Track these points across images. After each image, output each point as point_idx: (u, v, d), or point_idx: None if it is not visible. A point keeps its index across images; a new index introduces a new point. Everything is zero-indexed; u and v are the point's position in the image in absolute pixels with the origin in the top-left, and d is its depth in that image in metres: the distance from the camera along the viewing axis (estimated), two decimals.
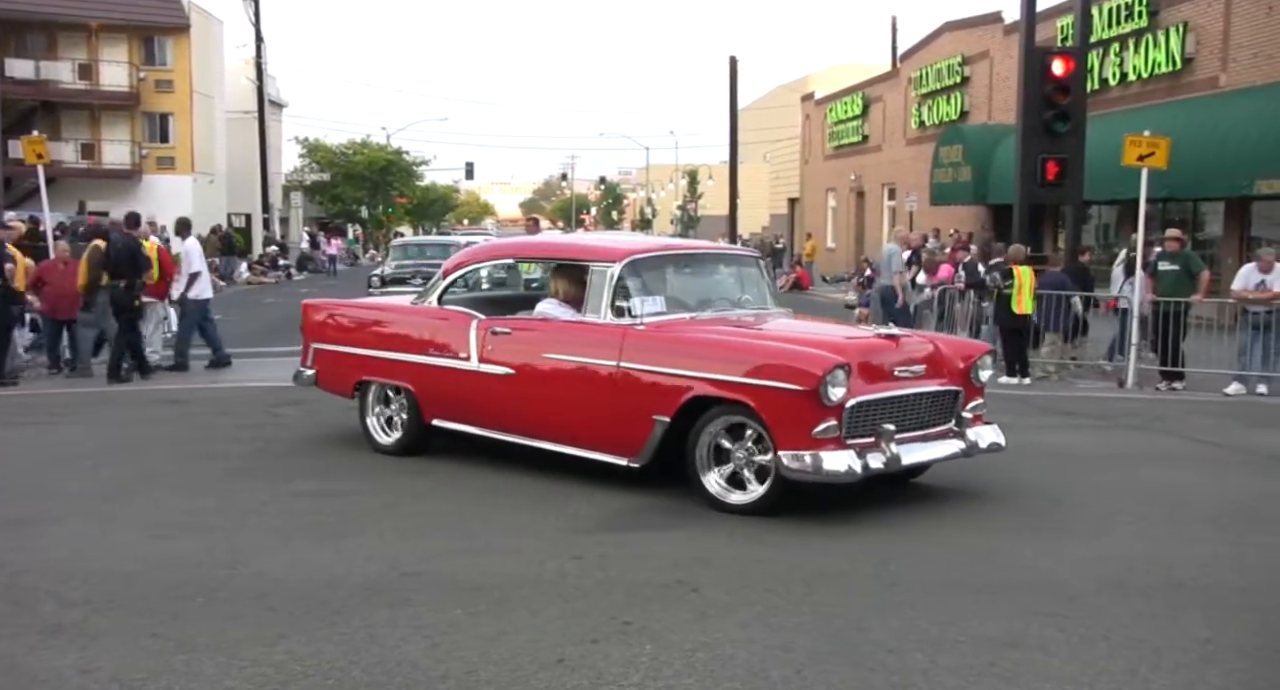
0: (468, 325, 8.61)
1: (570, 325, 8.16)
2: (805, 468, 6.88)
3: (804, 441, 6.90)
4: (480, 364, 8.44)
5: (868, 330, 8.41)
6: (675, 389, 7.39)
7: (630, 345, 7.67)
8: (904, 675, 4.69)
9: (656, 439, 7.49)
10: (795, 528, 6.97)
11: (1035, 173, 15.84)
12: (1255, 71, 20.77)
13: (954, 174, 29.76)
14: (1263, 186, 18.47)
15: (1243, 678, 4.70)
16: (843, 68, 55.16)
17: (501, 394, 8.34)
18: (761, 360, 7.18)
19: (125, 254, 13.86)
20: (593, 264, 8.17)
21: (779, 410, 6.97)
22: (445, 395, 8.74)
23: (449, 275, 9.24)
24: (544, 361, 8.15)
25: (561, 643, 5.03)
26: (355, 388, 9.45)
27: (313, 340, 9.86)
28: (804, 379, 6.88)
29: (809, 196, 50.56)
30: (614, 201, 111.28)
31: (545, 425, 8.17)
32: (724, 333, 7.80)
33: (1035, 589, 5.87)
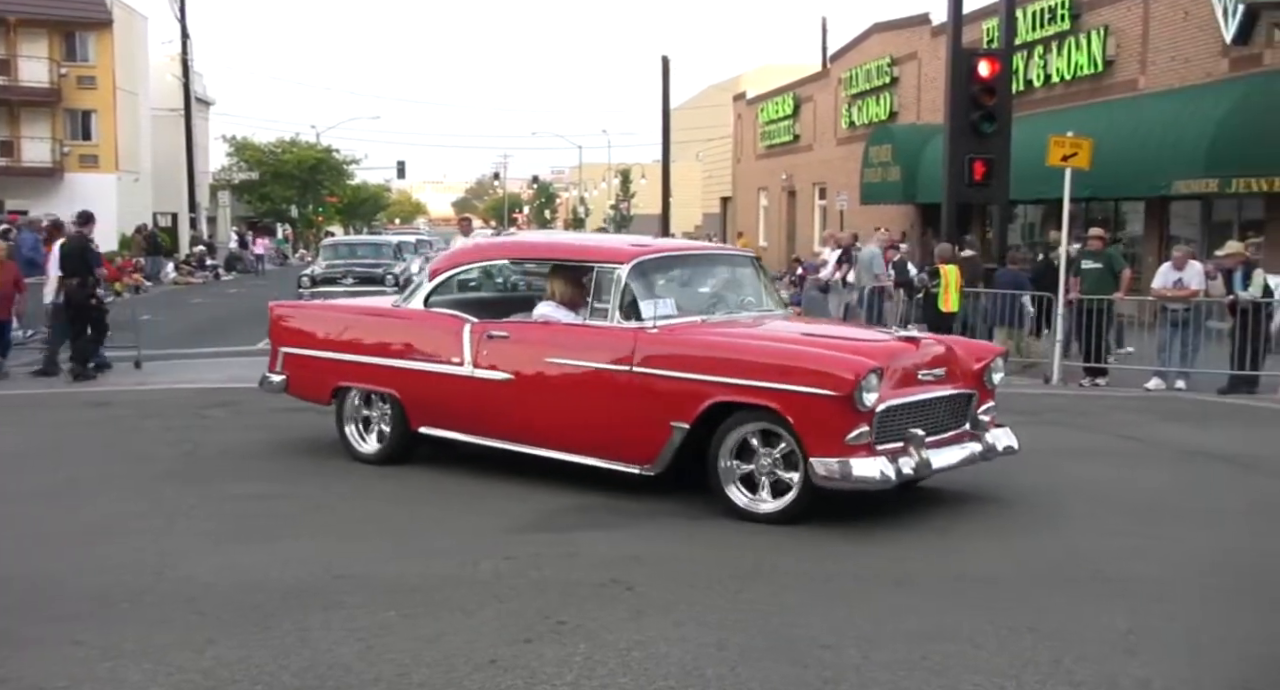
0: (460, 329, 8.24)
1: (575, 329, 7.90)
2: (837, 475, 6.69)
3: (836, 448, 6.70)
4: (475, 369, 8.08)
5: (885, 333, 8.28)
6: (695, 394, 7.13)
7: (643, 349, 7.41)
8: (837, 670, 4.75)
9: (674, 446, 7.24)
10: (728, 526, 7.02)
11: (963, 172, 16.07)
12: (1173, 74, 21.25)
13: (883, 173, 30.08)
14: (1180, 187, 18.90)
15: (1163, 668, 4.82)
16: (774, 68, 55.51)
17: (499, 401, 8.00)
18: (791, 364, 6.94)
19: (76, 252, 13.95)
20: (598, 265, 7.89)
21: (810, 416, 6.75)
22: (435, 402, 8.36)
23: (437, 276, 8.85)
24: (547, 367, 7.83)
25: (495, 643, 5.02)
26: (332, 394, 9.01)
27: (283, 344, 9.37)
28: (838, 384, 6.68)
29: (741, 195, 50.84)
30: (547, 201, 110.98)
31: (549, 433, 7.84)
32: (745, 336, 7.60)
33: (964, 583, 5.97)
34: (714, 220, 57.04)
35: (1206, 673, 4.77)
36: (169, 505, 7.55)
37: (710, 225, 56.37)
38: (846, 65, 37.50)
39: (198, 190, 50.44)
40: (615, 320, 7.63)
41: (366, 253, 27.48)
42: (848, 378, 6.69)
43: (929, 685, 4.61)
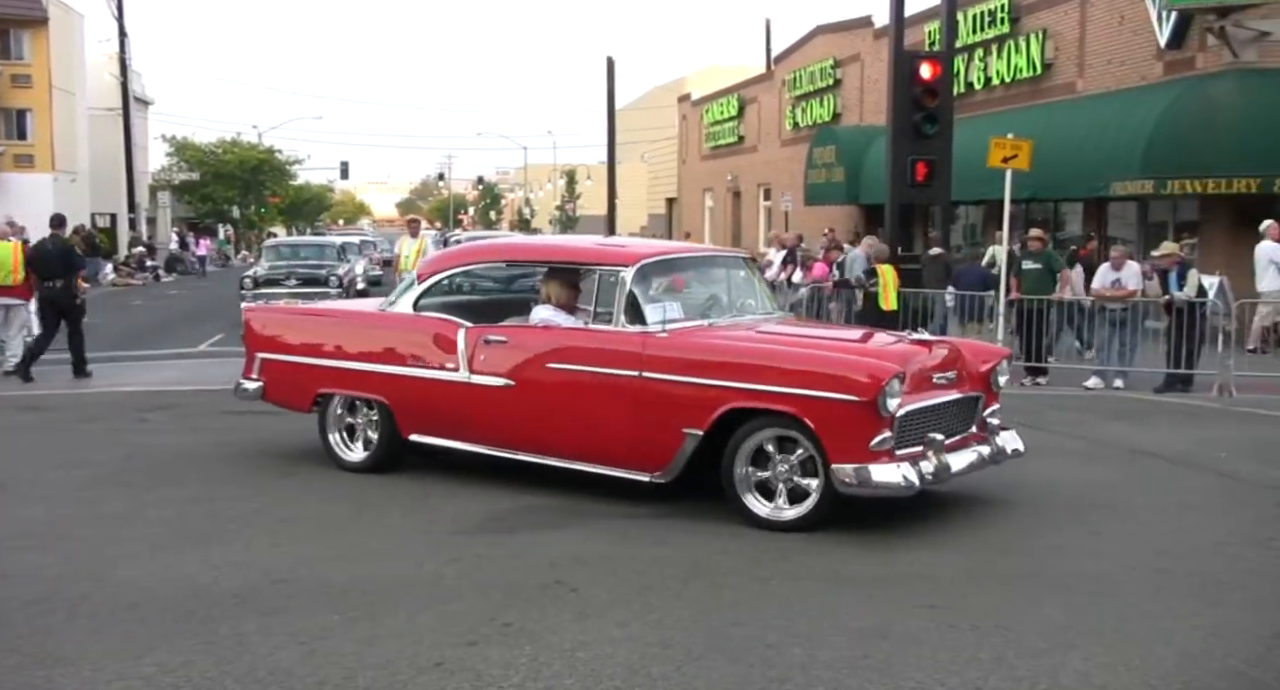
0: (454, 333, 7.96)
1: (578, 333, 7.69)
2: (860, 481, 6.60)
3: (860, 454, 6.60)
4: (472, 375, 7.82)
5: (896, 336, 8.16)
6: (709, 400, 6.98)
7: (653, 354, 7.21)
8: (782, 670, 4.76)
9: (687, 453, 7.08)
10: (671, 526, 7.02)
11: (905, 174, 16.19)
12: (1109, 77, 21.58)
13: (827, 174, 30.29)
14: (1118, 188, 19.18)
15: (1103, 661, 4.88)
16: (719, 69, 55.77)
17: (498, 408, 7.75)
18: (812, 369, 6.81)
19: (57, 255, 14.24)
20: (601, 268, 7.74)
21: (832, 422, 6.64)
22: (428, 409, 8.09)
23: (427, 279, 8.51)
24: (549, 373, 7.59)
25: (440, 645, 4.99)
26: (314, 401, 8.70)
27: (259, 350, 9.01)
28: (862, 389, 6.59)
29: (686, 196, 50.95)
30: (492, 201, 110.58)
31: (552, 441, 7.63)
32: (760, 340, 7.47)
33: (906, 581, 6.01)
34: (660, 221, 57.15)
35: (1146, 666, 4.83)
36: (106, 510, 7.43)
37: (656, 226, 56.48)
38: (790, 67, 37.72)
39: (137, 191, 49.70)
40: (620, 324, 7.43)
41: (310, 254, 27.17)
42: (872, 382, 6.59)
43: (872, 683, 4.64)
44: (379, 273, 37.77)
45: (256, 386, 9.03)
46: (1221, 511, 7.58)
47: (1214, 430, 10.77)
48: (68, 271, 14.26)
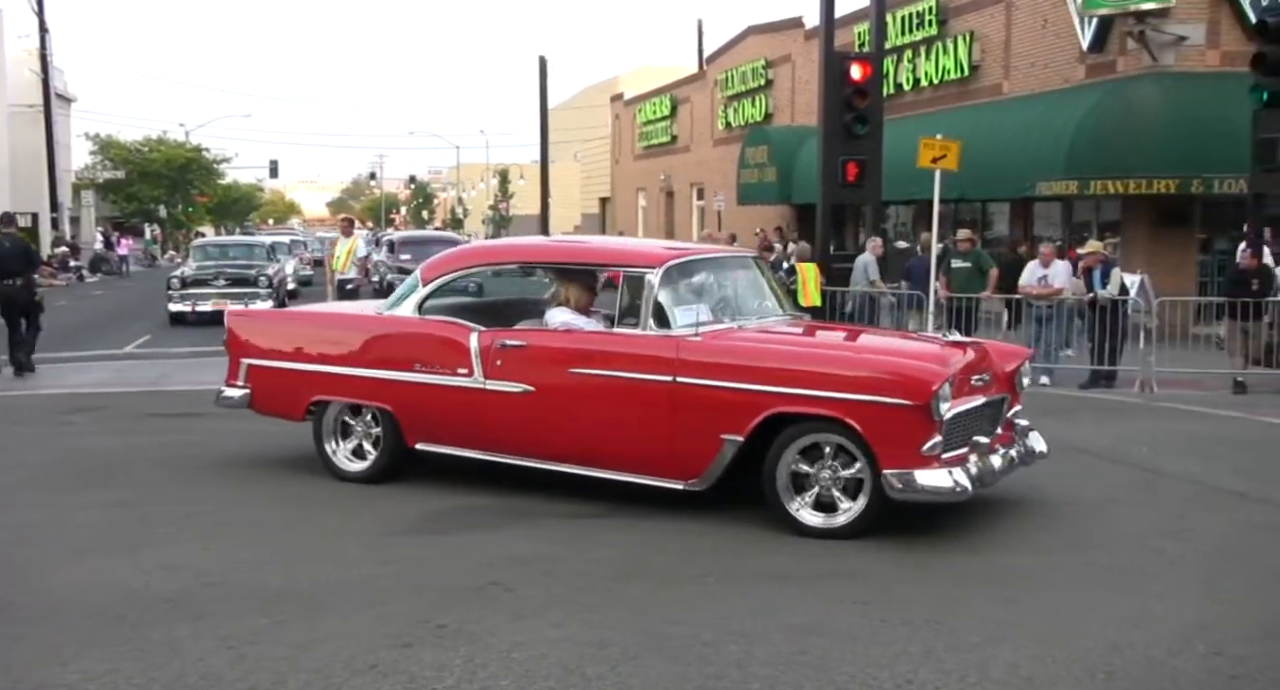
0: (466, 337, 7.65)
1: (604, 337, 7.46)
2: (913, 487, 6.49)
3: (911, 460, 6.49)
4: (487, 381, 7.53)
5: (929, 338, 7.99)
6: (750, 406, 6.78)
7: (687, 358, 6.98)
8: (718, 667, 4.79)
9: (725, 460, 6.87)
10: (608, 526, 7.04)
11: (836, 173, 16.32)
12: (1034, 79, 21.95)
13: (760, 174, 30.48)
14: (1043, 188, 19.53)
15: (1029, 653, 4.97)
16: (651, 69, 55.89)
17: (518, 415, 7.47)
18: (863, 373, 6.69)
19: (15, 253, 14.27)
20: (626, 270, 7.51)
21: (884, 427, 6.51)
22: (438, 417, 7.77)
23: (432, 281, 8.11)
24: (573, 378, 7.32)
25: (374, 648, 4.95)
26: (308, 409, 8.33)
27: (245, 355, 8.59)
28: (916, 393, 6.49)
29: (620, 196, 51.00)
30: (424, 201, 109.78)
31: (576, 449, 7.38)
32: (800, 343, 7.37)
33: (841, 578, 6.07)
34: (593, 221, 57.14)
35: (1072, 658, 4.93)
36: (30, 515, 7.28)
37: (590, 226, 56.46)
38: (722, 67, 37.90)
39: (59, 189, 48.60)
40: (649, 328, 7.20)
41: (239, 254, 26.74)
42: (926, 386, 6.50)
43: (807, 679, 4.68)
44: (310, 273, 37.37)
45: (242, 394, 8.58)
46: (1144, 505, 7.75)
47: (1137, 425, 11.01)
48: (26, 268, 14.36)
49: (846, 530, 6.72)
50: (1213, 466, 9.02)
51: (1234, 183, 16.98)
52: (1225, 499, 7.96)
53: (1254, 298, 13.97)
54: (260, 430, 10.04)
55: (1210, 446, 10.05)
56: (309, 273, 37.38)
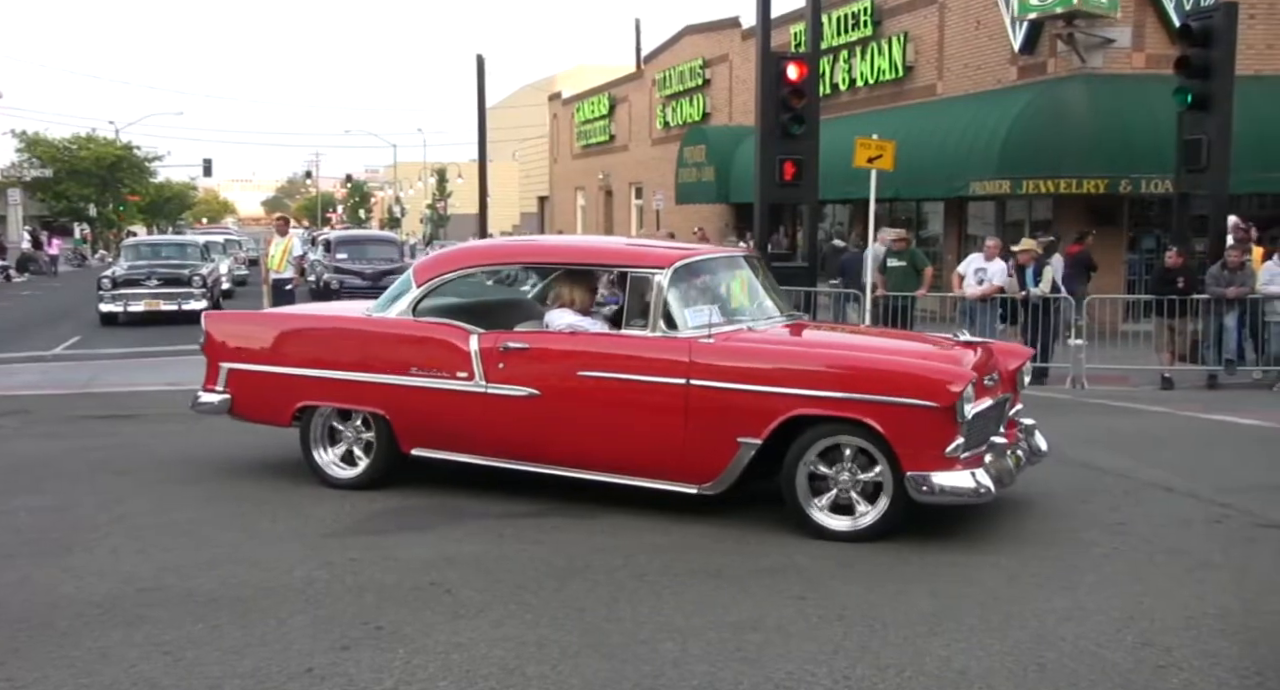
0: (465, 340, 7.46)
1: (613, 338, 7.29)
2: (937, 489, 6.48)
3: (935, 462, 6.47)
4: (490, 385, 7.35)
5: (944, 339, 7.96)
6: (768, 408, 6.71)
7: (702, 360, 6.87)
8: (656, 665, 4.81)
9: (742, 464, 6.80)
10: (546, 525, 7.03)
11: (774, 173, 16.44)
12: (967, 80, 22.25)
13: (698, 174, 30.60)
14: (976, 188, 19.81)
15: (963, 646, 5.05)
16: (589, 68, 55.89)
17: (520, 419, 7.30)
18: (887, 375, 6.66)
19: None
20: (633, 270, 7.38)
21: (908, 429, 6.48)
22: (435, 421, 7.57)
23: (426, 282, 7.86)
24: (581, 381, 7.16)
25: (311, 651, 4.91)
26: (294, 415, 8.06)
27: (224, 359, 8.27)
28: (941, 395, 6.46)
29: (559, 195, 50.94)
30: (361, 200, 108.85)
31: (584, 453, 7.23)
32: (820, 345, 7.34)
33: (778, 574, 6.12)
34: (532, 220, 57.03)
35: (1005, 650, 5.01)
36: None
37: (528, 225, 56.34)
38: (660, 66, 37.99)
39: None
40: (659, 329, 7.07)
41: (171, 253, 26.32)
42: (952, 389, 6.48)
43: (744, 675, 4.72)
44: (245, 272, 36.91)
45: (222, 400, 8.26)
46: (1077, 500, 7.88)
47: (1069, 421, 11.18)
48: None
49: (869, 533, 6.68)
50: (1142, 461, 9.20)
51: (1160, 183, 17.34)
52: (1155, 493, 8.13)
53: (1180, 295, 14.28)
54: (196, 432, 9.92)
55: (1140, 442, 10.26)
56: (244, 272, 36.93)
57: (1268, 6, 19.03)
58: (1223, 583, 6.05)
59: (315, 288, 26.58)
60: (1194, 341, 14.48)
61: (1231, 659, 4.94)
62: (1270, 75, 18.69)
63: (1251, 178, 17.25)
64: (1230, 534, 7.00)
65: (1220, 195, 15.36)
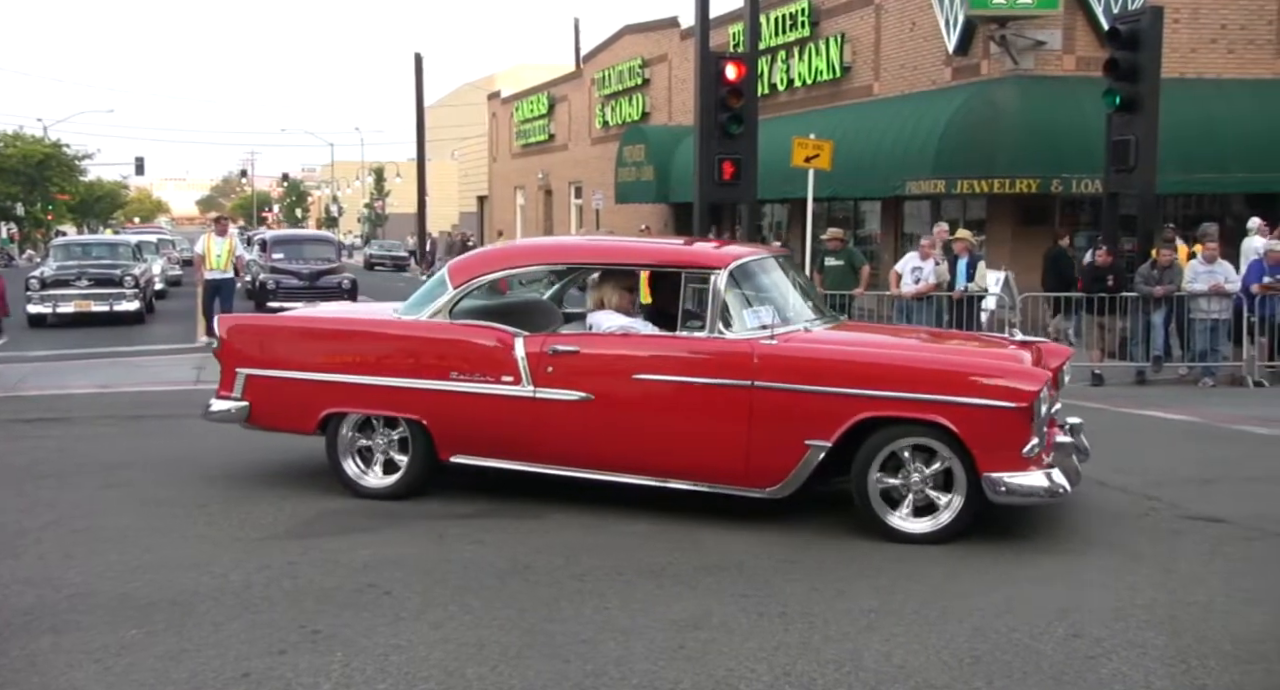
0: (510, 342, 7.23)
1: (671, 341, 7.12)
2: (1017, 489, 6.47)
3: (1012, 462, 6.46)
4: (538, 390, 7.13)
5: (997, 338, 7.84)
6: (839, 410, 6.62)
7: (766, 362, 6.76)
8: (598, 664, 4.81)
9: (810, 466, 6.72)
10: (485, 525, 7.01)
11: (713, 172, 16.51)
12: (903, 81, 22.49)
13: (637, 173, 30.64)
14: (912, 187, 20.02)
15: (901, 641, 5.11)
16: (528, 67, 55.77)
17: (572, 424, 7.10)
18: (964, 376, 6.63)
19: None
20: (687, 270, 7.30)
21: (984, 430, 6.46)
22: (478, 428, 7.32)
23: (464, 283, 7.59)
24: (638, 384, 6.99)
25: (247, 656, 4.86)
26: (320, 423, 7.72)
27: (243, 365, 7.91)
28: (1021, 395, 6.46)
29: (498, 194, 50.76)
30: (298, 199, 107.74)
31: (640, 459, 7.07)
32: (892, 346, 7.33)
33: (720, 571, 6.14)
34: (471, 219, 56.75)
35: (942, 644, 5.08)
36: None
37: (468, 224, 56.07)
38: (599, 66, 37.99)
39: None
40: (717, 331, 6.95)
41: (102, 253, 25.84)
42: (1030, 389, 6.50)
43: (686, 673, 4.73)
44: (179, 272, 36.36)
45: (239, 407, 7.89)
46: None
47: None
48: None
49: (944, 534, 6.67)
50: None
51: (1090, 183, 17.63)
52: (1087, 487, 8.25)
53: (1109, 293, 14.55)
54: (128, 435, 9.77)
55: None
56: (178, 272, 36.38)
57: (1191, 11, 19.44)
58: (1150, 575, 6.18)
59: (250, 288, 26.26)
60: (1123, 339, 14.77)
61: (1158, 649, 5.05)
62: (1193, 78, 19.11)
63: (1177, 179, 17.60)
64: (1158, 527, 7.16)
65: (1148, 195, 15.67)
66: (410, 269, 51.64)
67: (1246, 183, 19.04)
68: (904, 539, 6.67)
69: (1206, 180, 18.80)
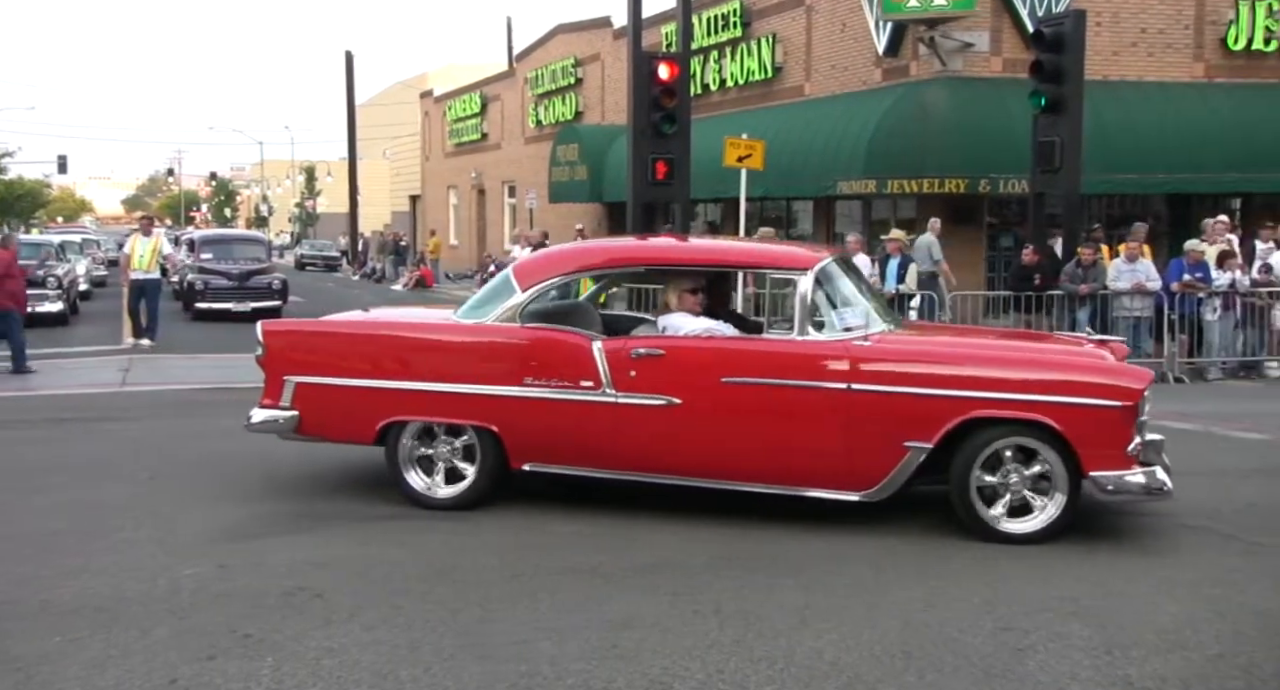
0: (588, 346, 7.06)
1: (761, 343, 7.16)
2: (1125, 486, 6.59)
3: (1118, 461, 6.55)
4: (620, 395, 6.97)
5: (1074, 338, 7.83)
6: (942, 411, 6.62)
7: (863, 364, 6.73)
8: (532, 664, 4.81)
9: (910, 468, 6.70)
10: (412, 527, 6.96)
11: (646, 171, 16.54)
12: (833, 81, 22.70)
13: (571, 172, 30.61)
14: (844, 187, 20.23)
15: (832, 637, 5.16)
16: (461, 66, 55.49)
17: (659, 430, 6.96)
18: (1072, 377, 6.68)
19: None
20: (772, 272, 7.31)
21: (1089, 429, 6.53)
22: (556, 435, 7.14)
23: (534, 285, 7.34)
24: (727, 388, 6.87)
25: (175, 662, 4.78)
26: (380, 432, 7.37)
27: (293, 372, 7.51)
28: (1127, 394, 6.57)
29: (431, 193, 50.43)
30: (227, 198, 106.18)
31: (731, 464, 6.98)
32: (986, 346, 7.35)
33: (653, 570, 6.16)
34: (404, 218, 56.32)
35: (873, 639, 5.14)
36: None
37: (400, 223, 55.64)
38: (532, 65, 37.90)
39: None
40: (807, 333, 6.90)
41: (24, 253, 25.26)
42: (1137, 388, 6.62)
43: (620, 672, 4.74)
44: (104, 273, 35.68)
45: (288, 417, 7.49)
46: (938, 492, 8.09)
47: None
48: None
49: (1045, 533, 6.69)
50: None
51: (1017, 183, 17.94)
52: None
53: (1036, 292, 14.80)
54: (53, 439, 9.57)
55: None
56: (103, 273, 35.71)
57: (1112, 15, 19.85)
58: (1071, 566, 6.30)
59: (178, 289, 25.83)
60: None
61: (1083, 640, 5.15)
62: (1116, 80, 19.51)
63: (1100, 179, 17.97)
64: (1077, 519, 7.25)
65: (1072, 195, 15.97)
66: (342, 269, 51.13)
67: (1166, 183, 19.52)
68: (1005, 539, 6.69)
69: (1129, 181, 19.25)
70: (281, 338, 7.76)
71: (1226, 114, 19.55)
